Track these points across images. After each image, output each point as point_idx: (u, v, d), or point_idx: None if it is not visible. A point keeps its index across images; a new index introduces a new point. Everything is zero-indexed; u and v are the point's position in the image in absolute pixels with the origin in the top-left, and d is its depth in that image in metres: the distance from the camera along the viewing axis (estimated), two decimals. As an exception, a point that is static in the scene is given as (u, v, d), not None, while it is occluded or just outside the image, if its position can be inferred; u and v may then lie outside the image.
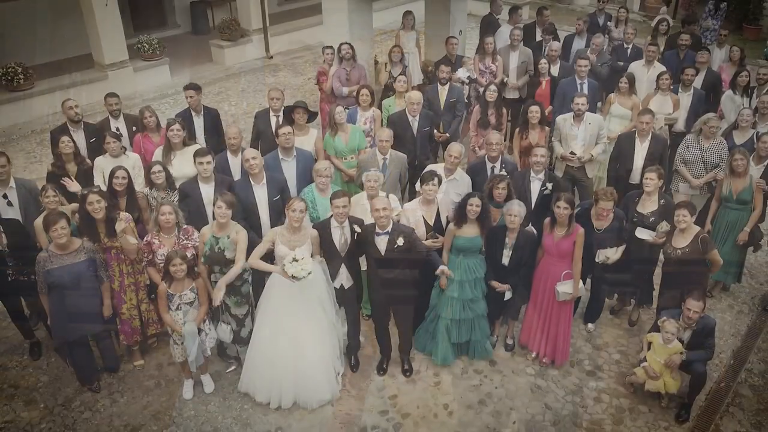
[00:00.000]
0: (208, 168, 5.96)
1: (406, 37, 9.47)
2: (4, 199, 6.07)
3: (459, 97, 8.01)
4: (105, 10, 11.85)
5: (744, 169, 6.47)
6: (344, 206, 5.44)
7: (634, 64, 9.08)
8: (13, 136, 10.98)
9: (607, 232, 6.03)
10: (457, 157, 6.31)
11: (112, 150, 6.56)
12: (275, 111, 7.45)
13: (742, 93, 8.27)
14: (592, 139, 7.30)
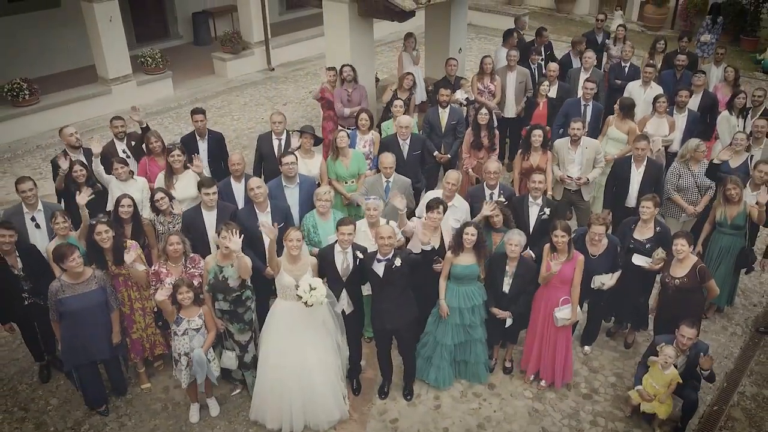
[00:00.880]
0: (214, 198, 6.12)
1: (407, 58, 9.60)
2: (32, 222, 6.25)
3: (460, 119, 8.16)
4: (109, 26, 12.01)
5: (738, 198, 6.62)
6: (350, 234, 5.60)
7: (632, 84, 9.23)
8: (18, 151, 11.12)
9: (602, 258, 6.17)
10: (454, 184, 6.47)
11: (120, 175, 6.71)
12: (277, 134, 7.60)
13: (738, 114, 8.41)
14: (589, 163, 7.45)
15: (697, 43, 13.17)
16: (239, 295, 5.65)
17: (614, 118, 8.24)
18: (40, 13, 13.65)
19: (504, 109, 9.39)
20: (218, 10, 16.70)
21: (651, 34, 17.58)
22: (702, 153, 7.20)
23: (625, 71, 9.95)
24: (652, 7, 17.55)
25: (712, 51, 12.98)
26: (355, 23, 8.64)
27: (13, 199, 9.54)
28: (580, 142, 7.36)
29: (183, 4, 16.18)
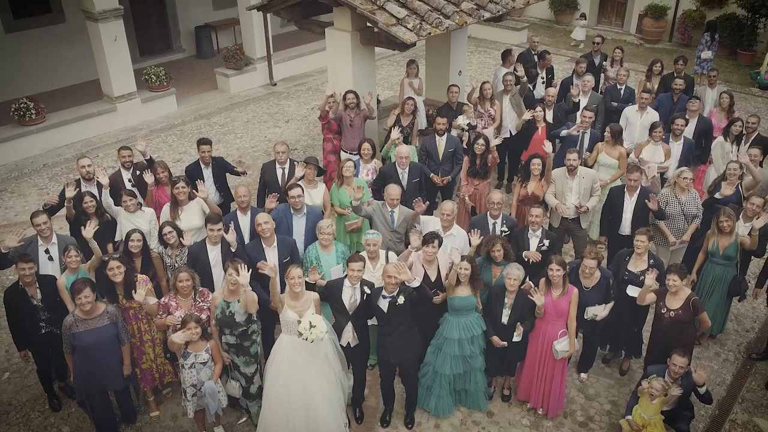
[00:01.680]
0: (218, 234, 6.29)
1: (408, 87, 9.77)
2: (45, 254, 6.43)
3: (457, 147, 8.35)
4: (114, 45, 12.18)
5: (730, 229, 6.80)
6: (359, 270, 5.79)
7: (628, 109, 9.41)
8: (25, 170, 11.29)
9: (595, 290, 6.35)
10: (449, 215, 6.66)
11: (129, 207, 6.90)
12: (281, 163, 7.78)
13: (732, 141, 8.58)
14: (587, 192, 7.64)
15: (698, 60, 13.35)
16: (245, 329, 5.84)
17: (604, 144, 8.42)
18: (45, 29, 13.87)
19: (501, 131, 9.59)
20: (220, 23, 16.90)
21: (649, 47, 17.82)
22: (684, 181, 7.35)
23: (621, 93, 10.14)
24: (650, 20, 17.72)
25: (710, 66, 13.22)
26: (357, 51, 8.82)
27: (22, 221, 9.77)
28: (576, 172, 7.54)
29: (186, 18, 16.38)
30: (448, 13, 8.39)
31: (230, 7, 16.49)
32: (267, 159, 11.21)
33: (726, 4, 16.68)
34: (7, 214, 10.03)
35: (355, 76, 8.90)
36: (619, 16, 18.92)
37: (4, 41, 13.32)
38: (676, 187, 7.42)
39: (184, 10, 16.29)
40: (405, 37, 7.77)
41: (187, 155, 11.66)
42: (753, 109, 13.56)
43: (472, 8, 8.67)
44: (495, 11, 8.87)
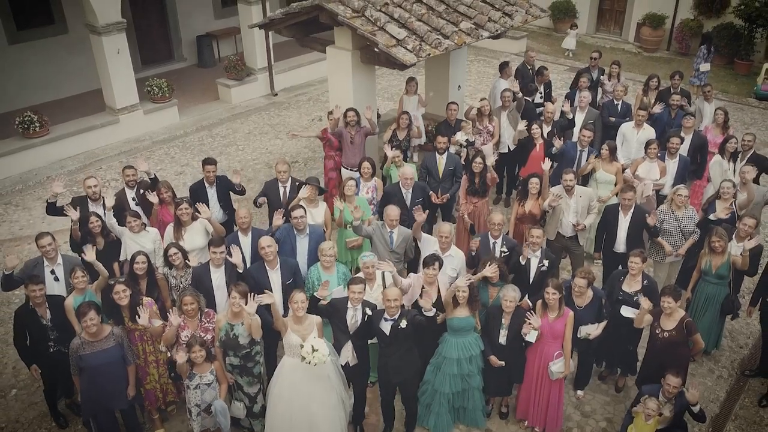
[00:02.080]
0: (221, 257, 6.42)
1: (408, 101, 9.90)
2: (51, 275, 6.57)
3: (456, 165, 8.48)
4: (117, 58, 12.31)
5: (722, 249, 6.94)
6: (360, 292, 5.94)
7: (625, 125, 9.54)
8: (29, 182, 11.42)
9: (587, 309, 6.50)
10: (447, 237, 6.80)
11: (133, 228, 7.03)
12: (283, 182, 7.92)
13: (728, 158, 8.71)
14: (584, 210, 7.77)
15: (696, 72, 13.47)
16: (249, 351, 5.98)
17: (600, 161, 8.56)
18: (48, 40, 14.00)
19: (500, 146, 9.73)
20: (222, 32, 17.02)
21: (647, 55, 17.95)
22: (680, 198, 7.51)
23: (618, 108, 10.26)
24: (648, 29, 17.85)
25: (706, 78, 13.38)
26: (357, 70, 8.95)
27: (26, 234, 9.92)
28: (573, 191, 7.68)
29: (187, 28, 16.50)
30: (447, 33, 8.53)
31: (231, 16, 16.62)
32: (268, 171, 11.47)
33: (723, 13, 16.80)
34: (12, 228, 10.16)
35: (356, 93, 9.03)
36: (618, 25, 19.05)
37: (8, 52, 13.44)
38: (673, 204, 7.57)
39: (185, 20, 16.41)
40: (405, 58, 7.90)
41: (189, 167, 11.79)
42: (749, 120, 13.72)
43: (470, 28, 8.80)
44: (493, 30, 8.99)
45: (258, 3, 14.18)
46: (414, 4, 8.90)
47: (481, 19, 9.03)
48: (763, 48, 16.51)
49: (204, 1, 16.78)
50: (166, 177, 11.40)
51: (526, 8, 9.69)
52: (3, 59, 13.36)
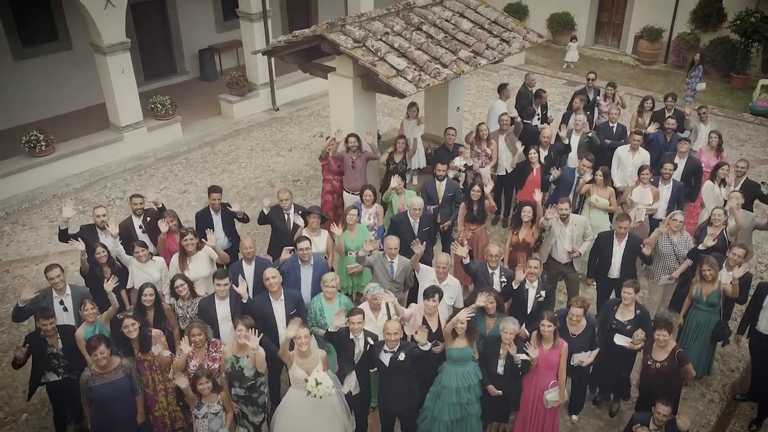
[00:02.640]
0: (225, 289, 6.62)
1: (409, 125, 10.10)
2: (60, 305, 6.78)
3: (456, 191, 8.69)
4: (121, 77, 12.50)
5: (713, 278, 7.15)
6: (359, 323, 6.15)
7: (620, 149, 9.75)
8: (35, 201, 11.61)
9: (581, 337, 6.70)
10: (444, 267, 7.01)
11: (141, 258, 7.24)
12: (286, 209, 8.13)
13: (720, 184, 8.91)
14: (579, 238, 7.98)
15: (692, 92, 13.66)
16: (254, 383, 6.18)
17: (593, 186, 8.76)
18: (53, 56, 14.21)
19: (498, 168, 9.95)
20: (224, 46, 17.24)
21: (645, 68, 18.15)
22: (675, 223, 7.73)
23: (613, 131, 10.46)
24: (645, 42, 18.05)
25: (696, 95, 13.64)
26: (359, 97, 9.15)
27: (34, 255, 10.12)
28: (569, 219, 7.88)
29: (189, 42, 16.72)
30: (446, 62, 8.72)
31: (233, 29, 16.81)
32: (270, 190, 11.67)
33: (720, 27, 17.00)
34: (20, 248, 10.35)
35: (357, 119, 9.23)
36: (616, 37, 19.25)
37: (13, 69, 13.67)
38: (669, 229, 7.77)
39: (188, 34, 16.63)
40: (404, 89, 8.10)
41: (192, 186, 11.99)
42: (744, 137, 13.91)
43: (469, 56, 8.99)
44: (491, 58, 9.19)
45: (260, 20, 14.38)
46: (414, 32, 9.10)
47: (479, 47, 9.23)
48: (759, 62, 16.71)
49: (206, 15, 17.00)
50: (171, 195, 11.67)
51: (524, 34, 9.88)
52: (8, 76, 13.59)
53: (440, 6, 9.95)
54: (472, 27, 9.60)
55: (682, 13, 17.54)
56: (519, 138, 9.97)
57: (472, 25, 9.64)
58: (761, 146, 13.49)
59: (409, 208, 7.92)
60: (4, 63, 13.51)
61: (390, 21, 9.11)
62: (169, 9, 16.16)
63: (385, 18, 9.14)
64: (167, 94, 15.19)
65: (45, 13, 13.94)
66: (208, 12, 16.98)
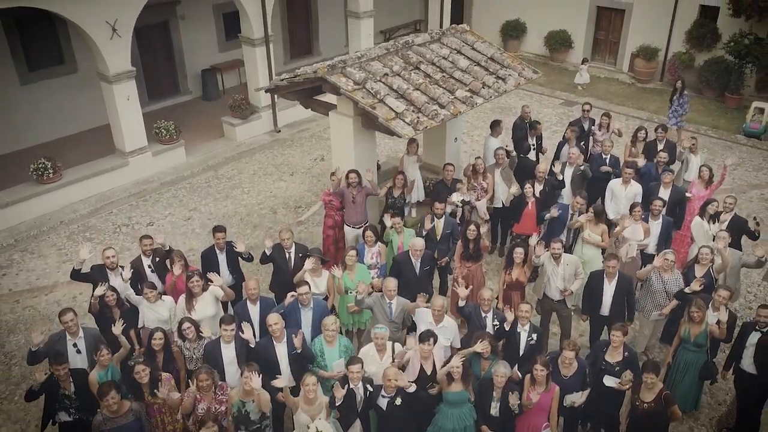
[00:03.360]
0: (231, 334, 6.91)
1: (409, 161, 10.39)
2: (74, 348, 7.08)
3: (453, 229, 8.98)
4: (126, 104, 12.79)
5: (700, 319, 7.44)
6: (358, 372, 6.43)
7: (613, 182, 10.03)
8: (43, 227, 11.90)
9: (573, 378, 6.99)
10: (440, 310, 7.30)
11: (150, 299, 7.54)
12: (287, 248, 8.42)
13: (709, 220, 9.19)
14: (571, 277, 8.27)
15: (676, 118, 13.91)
16: (259, 426, 6.48)
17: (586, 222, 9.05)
18: (59, 79, 14.52)
19: (494, 201, 10.25)
20: (226, 65, 17.53)
21: (641, 86, 18.42)
22: (667, 262, 8.03)
23: (606, 162, 10.74)
24: (642, 61, 18.32)
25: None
26: (359, 134, 9.43)
27: (43, 285, 10.42)
28: (561, 259, 8.18)
29: (192, 62, 17.02)
30: (443, 103, 9.00)
31: (235, 48, 17.09)
32: (273, 218, 11.98)
33: (714, 48, 17.27)
34: (29, 277, 10.64)
35: (357, 156, 9.51)
36: (612, 55, 19.51)
37: (20, 93, 14.00)
38: (660, 267, 8.07)
39: (190, 54, 16.93)
40: (403, 131, 8.39)
41: (197, 212, 12.28)
42: (737, 160, 14.10)
43: (466, 96, 9.27)
44: (487, 96, 9.46)
45: (262, 45, 14.65)
46: (412, 71, 9.38)
47: (476, 86, 9.50)
48: (753, 82, 16.98)
49: (208, 36, 17.30)
50: (176, 222, 11.96)
51: (519, 71, 10.15)
52: (15, 100, 13.91)
53: (438, 43, 10.22)
54: (469, 65, 9.87)
55: (678, 32, 17.81)
56: (514, 172, 10.27)
57: (469, 63, 9.91)
58: (753, 170, 13.75)
59: (411, 249, 8.21)
60: (11, 87, 13.83)
61: (389, 61, 9.38)
62: (173, 31, 16.45)
63: (384, 58, 9.41)
64: (170, 114, 15.61)
65: (51, 37, 14.23)
66: (210, 33, 17.27)
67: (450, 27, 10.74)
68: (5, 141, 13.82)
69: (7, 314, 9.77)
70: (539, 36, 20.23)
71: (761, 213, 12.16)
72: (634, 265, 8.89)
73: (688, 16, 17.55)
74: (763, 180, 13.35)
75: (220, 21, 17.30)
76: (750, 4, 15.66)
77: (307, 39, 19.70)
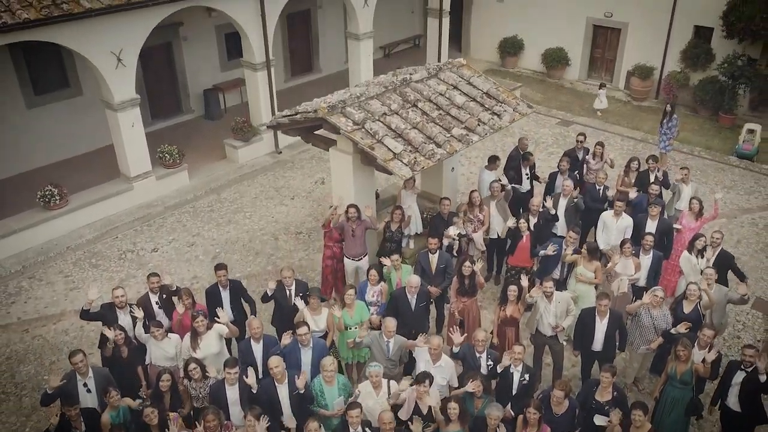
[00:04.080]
0: (235, 377, 7.21)
1: (407, 196, 10.67)
2: (84, 387, 7.38)
3: (448, 263, 9.28)
4: (131, 131, 13.07)
5: (686, 358, 7.74)
6: (357, 416, 6.72)
7: (605, 214, 10.32)
8: (50, 253, 12.17)
9: (564, 416, 7.30)
10: (437, 349, 7.59)
11: (157, 337, 7.85)
12: (288, 286, 8.72)
13: (697, 254, 9.48)
14: (563, 314, 8.57)
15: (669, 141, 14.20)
16: (263, 466, 6.80)
17: (580, 258, 9.35)
18: (64, 102, 14.80)
19: (490, 232, 10.55)
20: (228, 85, 17.80)
21: (636, 104, 18.70)
22: (656, 299, 8.33)
23: (599, 193, 11.03)
24: (637, 79, 18.59)
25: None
26: (358, 171, 9.71)
27: (51, 314, 10.71)
28: (552, 297, 8.47)
29: (195, 82, 17.30)
30: (440, 142, 9.28)
31: (237, 68, 17.34)
32: (274, 244, 12.27)
33: (709, 67, 17.54)
34: (37, 305, 10.93)
35: (357, 192, 9.80)
36: (608, 72, 19.78)
37: (26, 117, 14.27)
38: (650, 303, 8.37)
39: (193, 75, 17.20)
40: (401, 172, 8.68)
41: (200, 238, 12.56)
42: (729, 183, 14.43)
43: (462, 134, 9.55)
44: (483, 133, 9.74)
45: (263, 69, 14.93)
46: (410, 110, 9.66)
47: (472, 123, 9.78)
48: (747, 102, 17.26)
49: (211, 56, 17.57)
50: (179, 249, 12.25)
51: (514, 106, 10.42)
52: (22, 123, 14.19)
53: (435, 78, 10.50)
54: (465, 101, 10.14)
55: (673, 52, 18.09)
56: (509, 204, 10.56)
57: (465, 99, 10.18)
58: (745, 193, 14.02)
59: (407, 286, 8.50)
60: (17, 111, 14.11)
61: (388, 99, 9.65)
62: (176, 52, 16.71)
63: (383, 96, 9.68)
64: (173, 133, 15.93)
65: (57, 62, 14.50)
66: (212, 53, 17.54)
67: (447, 62, 11.02)
68: (12, 163, 14.10)
69: (17, 344, 10.07)
70: (537, 53, 20.50)
71: (751, 238, 12.47)
72: (626, 299, 9.19)
73: (682, 36, 17.83)
74: (754, 204, 13.63)
75: (222, 41, 17.56)
76: (743, 27, 15.93)
77: (308, 56, 19.98)
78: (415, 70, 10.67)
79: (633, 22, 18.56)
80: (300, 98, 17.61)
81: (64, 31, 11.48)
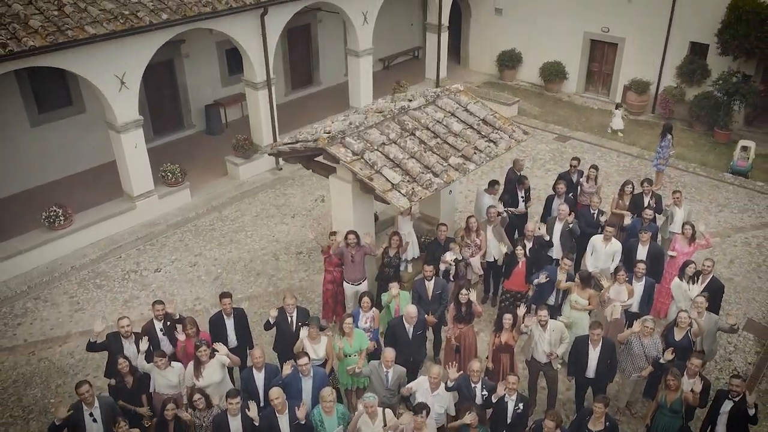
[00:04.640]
0: (237, 407, 7.43)
1: (404, 222, 10.89)
2: (90, 417, 7.60)
3: (444, 289, 9.50)
4: (134, 152, 13.29)
5: (676, 387, 7.96)
6: None
7: (595, 238, 10.55)
8: (55, 273, 12.38)
9: None
10: (436, 378, 7.82)
11: (160, 367, 8.07)
12: (289, 312, 8.94)
13: (688, 281, 9.69)
14: (557, 342, 8.79)
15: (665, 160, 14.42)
16: (265, 497, 7.03)
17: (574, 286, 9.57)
18: (67, 120, 15.02)
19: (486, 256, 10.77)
20: (229, 100, 18.02)
21: (633, 118, 18.88)
22: (647, 329, 8.56)
23: (594, 216, 11.24)
24: (633, 94, 18.79)
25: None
26: (357, 199, 9.93)
27: (56, 335, 10.93)
28: (547, 326, 8.70)
29: (196, 98, 17.51)
30: (437, 171, 9.50)
31: (237, 83, 17.57)
32: (275, 264, 12.48)
33: (704, 83, 17.74)
34: (43, 327, 11.14)
35: (356, 219, 10.02)
36: (605, 86, 19.97)
37: (30, 135, 14.49)
38: (640, 332, 8.60)
39: (194, 91, 17.42)
40: (399, 203, 8.89)
41: (202, 258, 12.77)
42: (723, 201, 14.62)
43: (459, 163, 9.76)
44: (479, 162, 9.96)
45: (264, 88, 15.14)
46: (408, 138, 9.87)
47: (468, 152, 9.99)
48: (741, 118, 17.47)
49: (212, 72, 17.78)
50: (182, 269, 12.46)
51: (510, 133, 10.63)
52: (26, 141, 14.42)
53: (433, 105, 10.71)
54: (462, 128, 10.35)
55: (669, 67, 18.28)
56: (505, 229, 10.78)
57: (462, 126, 10.39)
58: (739, 212, 14.21)
59: (405, 316, 8.73)
60: (22, 130, 14.33)
61: (386, 128, 9.86)
62: (177, 69, 16.92)
63: (381, 125, 9.89)
64: (174, 148, 16.16)
65: (60, 81, 14.69)
66: (213, 69, 17.75)
67: (445, 88, 11.23)
68: (16, 181, 14.33)
69: (24, 366, 10.29)
70: (535, 66, 20.69)
71: (744, 258, 12.68)
72: (619, 325, 9.41)
73: (678, 52, 18.03)
74: (747, 222, 13.83)
75: (223, 57, 17.77)
76: (737, 45, 16.13)
77: (308, 69, 20.19)
78: (414, 96, 10.88)
79: (630, 38, 18.75)
80: (300, 111, 18.08)
81: (69, 57, 11.69)
